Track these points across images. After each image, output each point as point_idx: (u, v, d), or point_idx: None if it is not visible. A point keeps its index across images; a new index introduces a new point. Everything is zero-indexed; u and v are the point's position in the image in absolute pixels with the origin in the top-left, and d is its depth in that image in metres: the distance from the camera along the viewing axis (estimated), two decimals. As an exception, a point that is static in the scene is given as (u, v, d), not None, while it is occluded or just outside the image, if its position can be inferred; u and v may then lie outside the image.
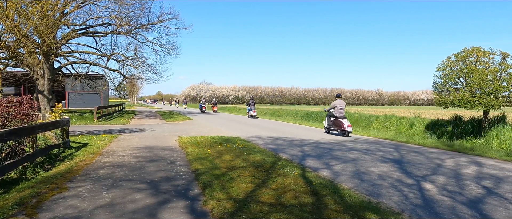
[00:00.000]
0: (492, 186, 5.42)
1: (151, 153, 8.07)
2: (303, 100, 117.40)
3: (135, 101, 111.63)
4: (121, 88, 31.84)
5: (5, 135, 5.17)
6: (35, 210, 3.97)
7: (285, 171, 6.06)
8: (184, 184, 5.26)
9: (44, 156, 6.93)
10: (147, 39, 22.57)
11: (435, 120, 13.34)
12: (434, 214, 4.04)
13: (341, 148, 9.47)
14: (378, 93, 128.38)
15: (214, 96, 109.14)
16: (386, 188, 5.17)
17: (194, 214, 3.93)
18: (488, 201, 4.57)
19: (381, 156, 8.13)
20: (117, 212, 3.93)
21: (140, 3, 20.86)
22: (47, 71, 19.22)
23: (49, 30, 14.90)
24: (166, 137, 11.75)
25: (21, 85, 31.12)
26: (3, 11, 12.34)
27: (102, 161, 7.04)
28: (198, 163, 6.78)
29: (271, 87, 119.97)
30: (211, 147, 8.88)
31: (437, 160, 7.70)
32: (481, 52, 10.03)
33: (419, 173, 6.26)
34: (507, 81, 9.54)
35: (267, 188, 4.93)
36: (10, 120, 6.46)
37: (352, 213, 3.91)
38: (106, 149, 8.69)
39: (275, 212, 3.91)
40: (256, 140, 11.01)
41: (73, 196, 4.52)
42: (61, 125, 8.37)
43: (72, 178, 5.54)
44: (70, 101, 34.15)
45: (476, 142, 10.25)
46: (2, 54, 16.02)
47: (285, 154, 8.16)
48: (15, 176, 5.70)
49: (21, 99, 6.92)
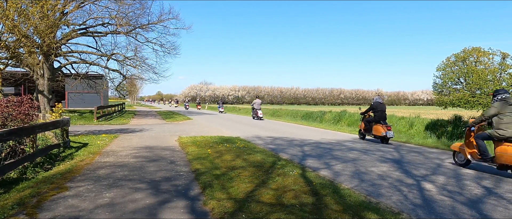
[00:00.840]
0: (492, 186, 5.42)
1: (151, 153, 8.08)
2: (303, 100, 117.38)
3: (135, 101, 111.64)
4: (121, 88, 31.84)
5: (5, 135, 5.17)
6: (35, 210, 3.98)
7: (285, 171, 6.06)
8: (184, 184, 5.26)
9: (44, 156, 6.93)
10: (147, 39, 22.56)
11: (435, 120, 13.35)
12: (434, 214, 4.04)
13: (341, 148, 9.48)
14: (378, 93, 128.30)
15: (214, 96, 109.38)
16: (386, 188, 5.18)
17: (195, 214, 3.93)
18: (488, 201, 4.58)
19: (381, 156, 8.14)
20: (117, 212, 3.94)
21: (140, 3, 20.87)
22: (47, 71, 19.22)
23: (49, 30, 14.90)
24: (166, 137, 11.75)
25: (21, 85, 31.11)
26: (3, 11, 12.34)
27: (102, 161, 7.04)
28: (198, 163, 6.79)
29: (271, 87, 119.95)
30: (211, 147, 8.89)
31: (437, 160, 7.70)
32: (481, 52, 10.04)
33: (419, 173, 6.27)
34: (507, 81, 9.56)
35: (267, 188, 4.94)
36: (10, 120, 6.46)
37: (352, 213, 3.92)
38: (106, 149, 8.69)
39: (275, 212, 3.92)
40: (256, 140, 11.01)
41: (73, 196, 4.52)
42: (61, 125, 8.38)
43: (72, 178, 5.54)
44: (70, 101, 34.13)
45: (476, 142, 10.24)
46: (2, 54, 16.02)
47: (285, 154, 8.17)
48: (15, 176, 5.70)
49: (21, 99, 6.92)
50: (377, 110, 10.95)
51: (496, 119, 6.22)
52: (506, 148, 5.94)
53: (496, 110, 6.23)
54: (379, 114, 10.87)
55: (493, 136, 6.20)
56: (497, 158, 6.10)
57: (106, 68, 22.51)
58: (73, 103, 32.80)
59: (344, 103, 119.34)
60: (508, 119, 6.05)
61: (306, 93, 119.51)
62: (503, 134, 6.01)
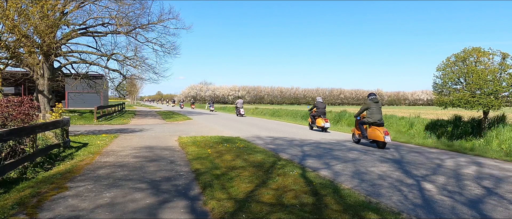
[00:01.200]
0: (492, 186, 5.42)
1: (151, 153, 8.08)
2: (303, 100, 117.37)
3: (135, 101, 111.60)
4: (121, 88, 31.79)
5: (5, 135, 5.17)
6: (36, 209, 3.98)
7: (285, 171, 6.06)
8: (184, 184, 5.26)
9: (44, 156, 6.93)
10: (147, 39, 22.56)
11: (435, 121, 13.35)
12: (434, 214, 4.04)
13: (341, 148, 9.48)
14: (378, 93, 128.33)
15: (214, 96, 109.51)
16: (386, 188, 5.18)
17: (195, 214, 3.94)
18: (488, 201, 4.58)
19: (381, 156, 8.14)
20: (117, 211, 3.94)
21: (140, 3, 20.87)
22: (47, 71, 19.21)
23: (49, 30, 14.89)
24: (166, 137, 11.75)
25: (21, 85, 31.12)
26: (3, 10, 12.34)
27: (102, 160, 7.04)
28: (198, 163, 6.79)
29: (271, 87, 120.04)
30: (211, 147, 8.89)
31: (437, 160, 7.70)
32: (481, 52, 10.04)
33: (419, 173, 6.27)
34: (507, 81, 9.55)
35: (267, 188, 4.94)
36: (11, 120, 6.46)
37: (352, 213, 3.92)
38: (106, 149, 8.69)
39: (275, 212, 3.92)
40: (256, 140, 11.01)
41: (73, 196, 4.52)
42: (61, 125, 8.37)
43: (72, 178, 5.54)
44: (70, 101, 34.12)
45: (476, 142, 10.25)
46: (2, 54, 16.01)
47: (285, 154, 8.17)
48: (16, 175, 5.70)
49: (21, 99, 6.92)
50: (318, 107, 14.92)
51: (367, 111, 9.88)
52: (372, 129, 9.64)
53: (367, 106, 9.87)
54: (320, 110, 14.86)
55: (366, 122, 9.89)
56: (368, 135, 9.80)
57: (106, 68, 22.52)
58: (73, 103, 32.80)
59: (344, 103, 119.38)
60: (372, 111, 9.70)
61: (306, 93, 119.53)
62: (369, 121, 9.77)
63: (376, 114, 9.67)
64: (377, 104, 9.80)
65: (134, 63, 22.51)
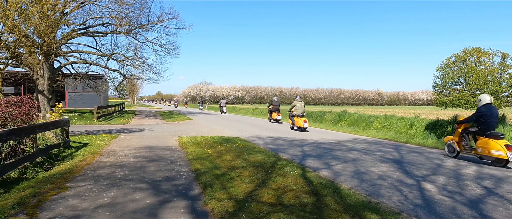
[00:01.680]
0: (492, 186, 5.43)
1: (152, 153, 8.08)
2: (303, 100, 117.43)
3: (135, 101, 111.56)
4: (121, 88, 31.81)
5: (5, 135, 5.17)
6: (36, 209, 3.98)
7: (285, 171, 6.06)
8: (184, 183, 5.26)
9: (44, 156, 6.93)
10: (147, 39, 22.54)
11: (435, 121, 13.35)
12: (434, 214, 4.04)
13: (341, 148, 9.48)
14: (378, 94, 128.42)
15: (214, 96, 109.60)
16: (386, 188, 5.18)
17: (195, 213, 3.94)
18: (488, 201, 4.58)
19: (381, 156, 8.14)
20: (117, 211, 3.94)
21: (140, 3, 20.86)
22: (47, 71, 19.21)
23: (49, 30, 14.89)
24: (166, 137, 11.75)
25: (21, 85, 31.10)
26: (4, 10, 12.34)
27: (102, 160, 7.04)
28: (198, 163, 6.79)
29: (271, 87, 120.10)
30: (211, 147, 8.89)
31: (437, 160, 7.70)
32: (481, 52, 10.05)
33: (419, 173, 6.27)
34: (507, 81, 9.57)
35: (267, 188, 4.94)
36: (11, 120, 6.46)
37: (352, 213, 3.92)
38: (106, 149, 8.69)
39: (275, 212, 3.92)
40: (256, 140, 11.01)
41: (73, 196, 4.52)
42: (61, 125, 8.37)
43: (73, 177, 5.54)
44: (70, 101, 34.11)
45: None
46: (2, 54, 16.01)
47: (285, 154, 8.17)
48: (16, 175, 5.70)
49: (21, 99, 6.92)
50: (274, 105, 19.97)
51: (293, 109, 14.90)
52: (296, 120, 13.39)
53: (292, 105, 15.07)
54: (275, 107, 19.90)
55: (293, 114, 14.75)
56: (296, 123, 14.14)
57: (106, 68, 22.50)
58: (73, 103, 32.79)
59: (344, 103, 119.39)
60: (296, 108, 14.86)
61: (306, 93, 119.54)
62: (295, 113, 14.76)
63: (300, 109, 15.08)
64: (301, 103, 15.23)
65: (134, 63, 22.51)
